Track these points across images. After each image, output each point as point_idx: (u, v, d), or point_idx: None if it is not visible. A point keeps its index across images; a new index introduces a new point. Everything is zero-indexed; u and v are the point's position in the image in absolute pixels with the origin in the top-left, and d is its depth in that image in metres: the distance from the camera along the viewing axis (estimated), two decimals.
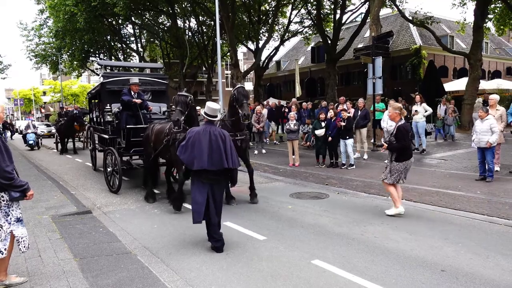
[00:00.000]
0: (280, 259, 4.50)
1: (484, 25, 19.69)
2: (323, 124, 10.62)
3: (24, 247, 3.87)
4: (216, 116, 5.01)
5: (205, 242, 5.14)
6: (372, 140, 13.57)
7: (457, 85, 23.14)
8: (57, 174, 11.24)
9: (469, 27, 22.70)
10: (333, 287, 3.79)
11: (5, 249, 3.73)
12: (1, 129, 18.36)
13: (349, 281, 3.90)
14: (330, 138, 10.32)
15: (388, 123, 10.77)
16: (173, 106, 6.89)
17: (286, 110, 16.32)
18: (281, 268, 4.26)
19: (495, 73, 33.12)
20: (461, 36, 30.44)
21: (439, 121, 15.60)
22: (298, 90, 22.75)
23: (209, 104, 5.05)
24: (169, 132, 6.81)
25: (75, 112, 17.85)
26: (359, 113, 11.52)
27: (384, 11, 25.43)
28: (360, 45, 25.38)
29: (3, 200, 3.71)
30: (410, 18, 22.21)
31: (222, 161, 4.71)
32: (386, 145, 6.20)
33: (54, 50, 32.56)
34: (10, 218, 3.78)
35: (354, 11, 25.23)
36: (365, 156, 11.79)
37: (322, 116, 10.86)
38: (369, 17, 17.70)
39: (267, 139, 16.78)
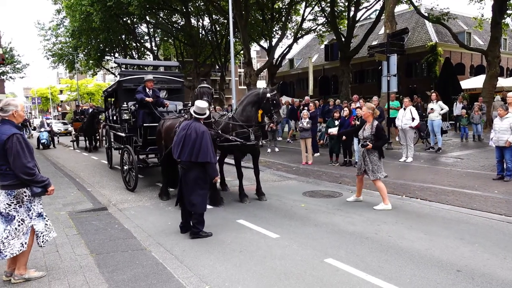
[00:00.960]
0: (293, 257, 4.51)
1: (503, 21, 19.20)
2: (336, 122, 10.56)
3: (43, 241, 3.96)
4: (203, 114, 5.49)
5: (218, 239, 5.19)
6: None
7: (474, 82, 22.71)
8: (74, 171, 11.45)
9: (486, 23, 22.15)
10: (347, 286, 3.78)
11: (25, 242, 3.84)
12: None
13: (363, 280, 3.88)
14: (344, 137, 10.25)
15: (403, 121, 10.68)
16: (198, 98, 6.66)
17: (306, 108, 16.18)
18: (294, 266, 4.27)
19: None
20: (478, 32, 29.80)
21: (464, 119, 14.68)
22: (311, 88, 22.66)
23: (198, 103, 5.51)
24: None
25: (93, 110, 18.03)
26: None
27: (399, 8, 25.10)
28: (374, 43, 25.12)
29: (26, 196, 3.82)
30: (426, 14, 21.82)
31: (190, 155, 5.18)
32: (371, 145, 6.47)
33: (70, 49, 33.15)
34: (32, 213, 3.89)
35: (368, 8, 24.96)
36: (383, 156, 11.63)
37: (336, 114, 10.80)
38: (383, 14, 17.49)
39: (280, 138, 16.77)
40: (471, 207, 6.31)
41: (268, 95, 6.96)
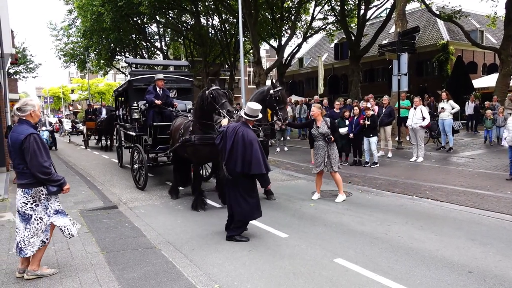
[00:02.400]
0: (302, 257, 4.50)
1: None
2: (347, 122, 10.50)
3: (69, 233, 4.04)
4: (256, 116, 5.18)
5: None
6: (397, 138, 13.32)
7: (487, 81, 22.36)
8: (85, 170, 11.59)
9: (500, 21, 21.79)
10: (356, 286, 3.76)
11: (47, 239, 3.94)
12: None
13: (372, 280, 3.86)
14: (351, 135, 10.25)
15: (413, 121, 10.58)
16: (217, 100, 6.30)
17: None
18: (303, 266, 4.26)
19: None
20: (491, 30, 29.34)
21: (488, 121, 13.19)
22: (320, 87, 22.55)
23: (250, 104, 5.21)
24: (184, 132, 6.84)
25: (111, 110, 17.91)
26: (383, 110, 11.32)
27: (410, 6, 24.83)
28: (385, 41, 24.93)
29: (42, 194, 3.90)
30: (437, 12, 21.55)
31: (241, 166, 4.91)
32: (333, 138, 6.96)
33: (81, 49, 33.51)
34: (49, 211, 3.97)
35: (379, 6, 24.73)
36: (389, 154, 11.58)
37: (346, 114, 10.73)
38: (394, 12, 17.33)
39: (289, 137, 16.71)
40: (483, 208, 6.22)
41: (271, 91, 6.92)
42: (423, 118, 10.45)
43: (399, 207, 6.62)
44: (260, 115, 5.39)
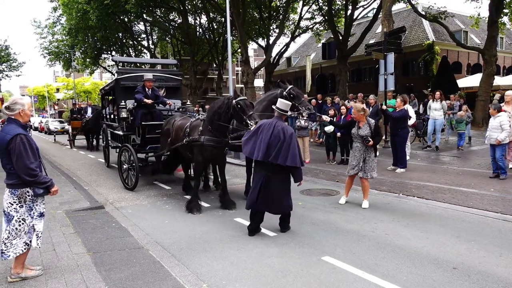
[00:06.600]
0: (291, 256, 4.52)
1: (499, 19, 19.27)
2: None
3: (40, 242, 3.98)
4: (286, 112, 5.29)
5: (216, 237, 5.19)
6: (384, 137, 13.46)
7: (471, 81, 22.78)
8: (71, 170, 11.42)
9: (483, 22, 22.24)
10: (343, 284, 3.79)
11: (30, 241, 3.87)
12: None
13: (359, 277, 3.90)
14: (339, 134, 10.30)
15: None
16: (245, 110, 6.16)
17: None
18: (291, 264, 4.28)
19: (510, 68, 32.49)
20: (475, 31, 29.88)
21: (461, 124, 12.06)
22: (308, 86, 22.65)
23: (282, 100, 5.37)
24: (191, 131, 6.80)
25: (97, 108, 17.67)
26: (370, 109, 11.42)
27: (397, 6, 25.12)
28: (371, 41, 25.16)
29: (28, 195, 3.82)
30: (423, 13, 21.87)
31: (276, 156, 4.91)
32: (372, 141, 6.44)
33: (67, 47, 33.01)
34: (34, 213, 3.89)
35: (366, 6, 24.98)
36: (377, 153, 11.68)
37: (331, 112, 10.81)
38: (381, 13, 17.52)
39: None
40: (467, 205, 6.34)
41: (284, 92, 7.01)
42: (409, 117, 10.57)
43: (386, 205, 6.70)
44: (290, 113, 5.54)
